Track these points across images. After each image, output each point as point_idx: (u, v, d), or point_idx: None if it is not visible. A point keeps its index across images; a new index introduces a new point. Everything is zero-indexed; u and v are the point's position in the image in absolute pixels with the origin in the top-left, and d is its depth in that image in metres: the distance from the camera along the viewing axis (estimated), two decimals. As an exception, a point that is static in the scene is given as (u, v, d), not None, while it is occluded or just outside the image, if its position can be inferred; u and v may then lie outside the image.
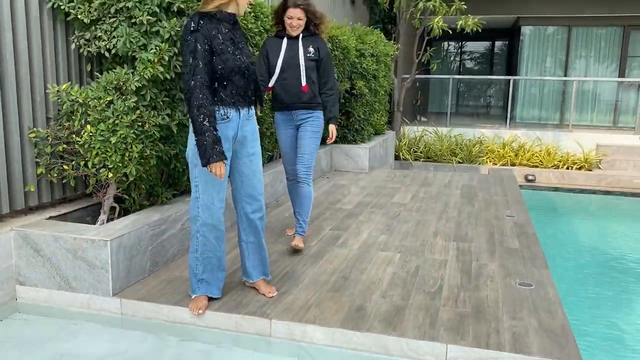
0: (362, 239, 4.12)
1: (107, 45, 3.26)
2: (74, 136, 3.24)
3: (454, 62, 17.37)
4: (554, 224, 6.90)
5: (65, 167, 3.29)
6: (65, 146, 3.29)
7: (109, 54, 3.31)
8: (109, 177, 3.14)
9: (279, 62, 3.61)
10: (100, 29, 3.28)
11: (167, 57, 3.15)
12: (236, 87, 2.69)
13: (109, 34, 3.27)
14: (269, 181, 5.11)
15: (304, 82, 3.61)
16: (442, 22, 8.89)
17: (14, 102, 3.09)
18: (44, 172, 3.27)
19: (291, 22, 3.57)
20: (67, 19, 3.37)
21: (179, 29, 3.19)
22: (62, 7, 3.27)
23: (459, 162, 9.58)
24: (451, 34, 9.44)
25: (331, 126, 3.82)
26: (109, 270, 2.93)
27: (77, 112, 3.17)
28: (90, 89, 3.13)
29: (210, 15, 2.63)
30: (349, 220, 4.66)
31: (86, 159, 3.20)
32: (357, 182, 6.41)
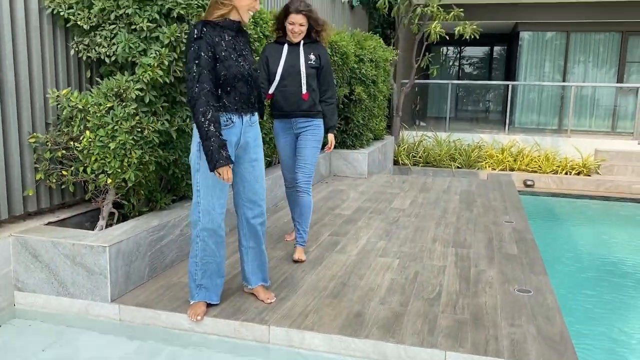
0: (360, 244, 4.12)
1: (107, 51, 3.27)
2: (73, 142, 3.24)
3: (453, 67, 17.41)
4: (553, 229, 6.91)
5: (64, 173, 3.29)
6: (64, 152, 3.29)
7: (109, 60, 3.32)
8: (108, 182, 3.15)
9: (280, 69, 3.55)
10: (99, 35, 3.29)
11: (166, 62, 3.16)
12: (239, 94, 2.71)
13: (108, 40, 3.28)
14: (267, 187, 5.11)
15: (305, 90, 3.56)
16: (439, 28, 8.93)
17: (14, 107, 3.10)
18: (42, 178, 3.27)
19: (293, 28, 3.52)
20: (66, 25, 3.38)
21: (179, 34, 3.20)
22: (61, 14, 3.28)
23: (458, 167, 9.59)
24: (448, 39, 9.47)
25: (330, 135, 3.80)
26: (108, 276, 2.93)
27: (77, 117, 3.18)
28: (90, 95, 3.14)
29: (213, 23, 2.67)
30: (347, 225, 4.66)
31: (85, 165, 3.20)
32: (355, 188, 6.41)
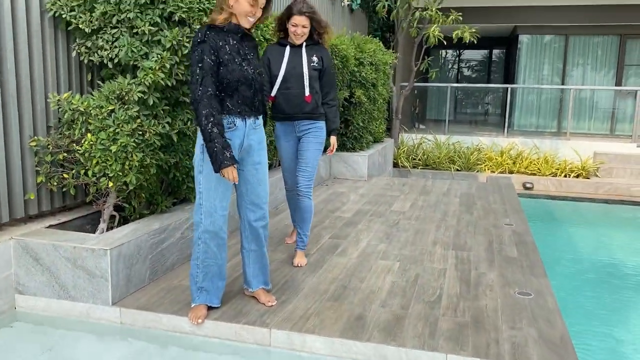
0: (361, 247, 4.13)
1: (109, 54, 3.28)
2: (74, 145, 3.25)
3: (452, 70, 17.45)
4: (552, 231, 6.92)
5: (65, 176, 3.29)
6: (65, 155, 3.29)
7: (111, 63, 3.32)
8: (109, 185, 3.15)
9: (282, 71, 3.52)
10: (101, 38, 3.30)
11: (168, 65, 3.17)
12: (242, 97, 2.72)
13: (110, 44, 3.29)
14: (269, 189, 5.11)
15: (307, 92, 3.53)
16: (437, 32, 8.96)
17: (15, 110, 3.10)
18: (44, 181, 3.28)
19: (296, 29, 3.48)
20: (68, 28, 3.38)
21: (181, 38, 3.21)
22: (63, 16, 3.29)
23: (457, 170, 9.60)
24: (446, 44, 9.50)
25: (332, 138, 3.78)
26: (109, 279, 2.93)
27: (78, 120, 3.18)
28: (92, 98, 3.14)
29: (219, 27, 2.68)
30: (348, 228, 4.67)
31: (86, 168, 3.21)
32: (356, 190, 6.42)
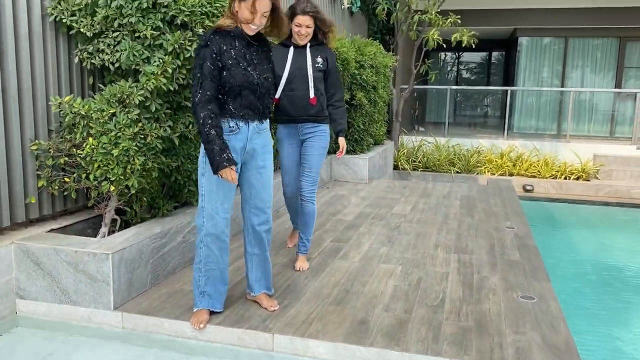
0: (363, 251, 4.12)
1: (110, 58, 3.27)
2: (75, 149, 3.24)
3: (452, 72, 17.46)
4: (553, 234, 6.91)
5: (66, 180, 3.28)
6: (66, 159, 3.28)
7: (112, 67, 3.32)
8: (111, 189, 3.14)
9: (286, 72, 3.44)
10: (103, 42, 3.29)
11: (170, 70, 3.16)
12: (246, 101, 2.72)
13: (112, 48, 3.28)
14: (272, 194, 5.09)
15: (312, 94, 3.47)
16: (437, 35, 8.96)
17: (16, 114, 3.09)
18: (45, 185, 3.26)
19: (299, 30, 3.40)
20: (69, 32, 3.38)
21: (183, 41, 3.21)
22: (64, 21, 3.28)
23: (457, 172, 9.60)
24: (445, 47, 9.51)
25: (341, 139, 3.64)
26: (111, 283, 2.92)
27: (79, 124, 3.17)
28: (93, 102, 3.14)
29: (226, 31, 2.67)
30: (349, 231, 4.66)
31: (88, 172, 3.20)
32: (356, 193, 6.41)
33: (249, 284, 3.04)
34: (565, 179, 9.38)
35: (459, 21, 9.10)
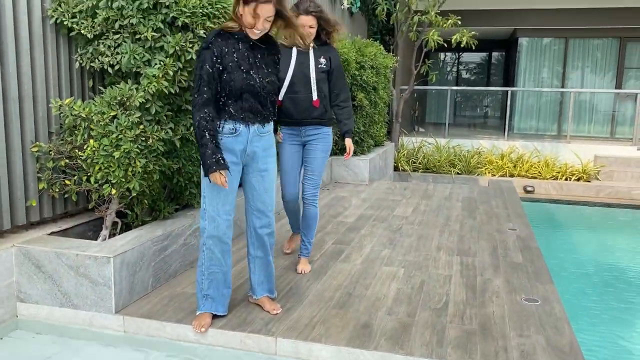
0: (365, 253, 4.10)
1: (110, 61, 3.25)
2: (76, 151, 3.22)
3: (452, 73, 17.45)
4: (554, 235, 6.90)
5: (67, 182, 3.26)
6: (67, 161, 3.26)
7: (112, 70, 3.30)
8: (112, 192, 3.12)
9: (289, 74, 3.38)
10: (103, 44, 3.27)
11: (171, 72, 3.14)
12: (247, 104, 2.70)
13: (112, 50, 3.26)
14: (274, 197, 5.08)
15: (315, 97, 3.42)
16: (437, 35, 8.95)
17: (17, 116, 3.07)
18: (45, 187, 3.24)
19: (302, 30, 3.35)
20: (70, 34, 3.36)
21: (184, 43, 3.19)
22: (65, 23, 3.26)
23: (458, 173, 9.59)
24: (446, 47, 9.50)
25: (348, 140, 3.58)
26: (112, 287, 2.90)
27: (80, 126, 3.15)
28: (93, 104, 3.12)
29: (229, 33, 2.65)
30: (351, 234, 4.64)
31: (89, 174, 3.17)
32: (357, 195, 6.39)
33: (251, 286, 3.02)
34: (566, 180, 9.37)
35: (459, 22, 9.10)
